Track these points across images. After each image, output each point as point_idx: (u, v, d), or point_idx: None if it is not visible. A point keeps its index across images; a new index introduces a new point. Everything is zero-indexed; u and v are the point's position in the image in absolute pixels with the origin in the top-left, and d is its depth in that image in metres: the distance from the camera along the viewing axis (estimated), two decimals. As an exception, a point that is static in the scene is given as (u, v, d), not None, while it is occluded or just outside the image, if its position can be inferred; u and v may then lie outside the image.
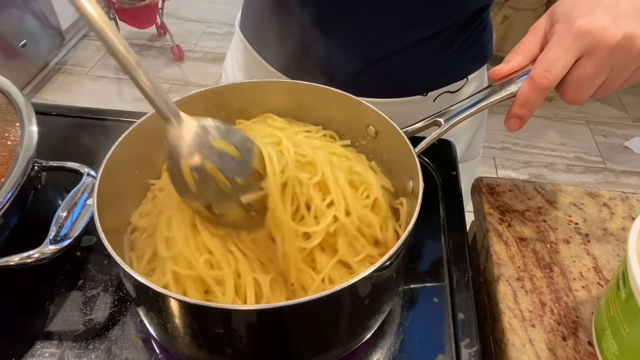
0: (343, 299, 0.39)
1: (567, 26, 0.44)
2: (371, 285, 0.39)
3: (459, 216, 0.60)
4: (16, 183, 0.47)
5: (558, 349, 0.47)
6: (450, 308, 0.50)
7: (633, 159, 2.23)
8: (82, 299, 0.50)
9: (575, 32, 0.43)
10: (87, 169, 0.52)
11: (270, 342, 0.40)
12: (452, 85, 0.70)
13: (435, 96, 0.69)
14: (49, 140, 0.56)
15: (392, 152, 0.51)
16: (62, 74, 2.59)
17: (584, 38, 0.43)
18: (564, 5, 0.46)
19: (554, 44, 0.45)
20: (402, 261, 0.45)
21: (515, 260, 0.55)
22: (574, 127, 2.37)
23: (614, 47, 0.43)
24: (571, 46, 0.44)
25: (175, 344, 0.43)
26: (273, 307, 0.36)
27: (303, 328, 0.41)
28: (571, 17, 0.44)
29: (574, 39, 0.44)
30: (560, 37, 0.45)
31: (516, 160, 2.20)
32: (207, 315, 0.37)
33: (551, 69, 0.44)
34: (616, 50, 0.43)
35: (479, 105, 0.49)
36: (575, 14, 0.44)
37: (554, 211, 0.60)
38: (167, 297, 0.36)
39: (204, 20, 3.05)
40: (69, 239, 0.46)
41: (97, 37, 0.35)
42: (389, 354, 0.47)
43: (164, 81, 2.56)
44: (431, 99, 0.69)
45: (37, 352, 0.46)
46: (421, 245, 0.56)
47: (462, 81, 0.70)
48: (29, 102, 0.56)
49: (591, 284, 0.53)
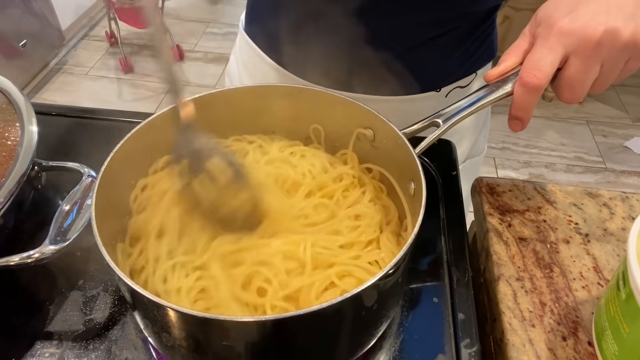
0: (349, 309, 0.38)
1: (549, 28, 0.45)
2: (377, 292, 0.39)
3: (459, 216, 0.60)
4: (16, 183, 0.47)
5: (558, 349, 0.47)
6: (450, 308, 0.50)
7: (633, 159, 2.23)
8: (82, 299, 0.50)
9: (557, 33, 0.44)
10: (87, 169, 0.52)
11: (269, 356, 0.40)
12: (463, 80, 0.71)
13: (447, 91, 0.70)
14: (49, 140, 0.56)
15: (391, 154, 0.51)
16: (62, 74, 2.59)
17: (565, 38, 0.44)
18: (546, 7, 0.47)
19: (539, 45, 0.46)
20: (407, 265, 0.45)
21: (515, 260, 0.55)
22: (574, 127, 2.37)
23: (596, 43, 0.43)
24: (554, 45, 0.45)
25: (171, 353, 0.43)
26: (273, 318, 0.35)
27: (306, 339, 0.41)
28: (551, 19, 0.45)
29: (557, 40, 0.44)
30: (544, 39, 0.45)
31: (516, 160, 2.20)
32: (206, 326, 0.37)
33: (538, 67, 0.45)
34: (600, 46, 0.43)
35: (476, 104, 0.49)
36: (555, 15, 0.45)
37: (554, 211, 0.60)
38: (162, 306, 0.35)
39: (204, 20, 3.05)
40: (69, 239, 0.46)
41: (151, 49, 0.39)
42: (389, 354, 0.47)
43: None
44: (443, 95, 0.70)
45: (37, 352, 0.46)
46: (421, 245, 0.56)
47: (471, 76, 0.72)
48: (29, 102, 0.56)
49: (591, 284, 0.53)
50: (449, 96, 0.71)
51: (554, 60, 0.45)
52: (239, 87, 0.55)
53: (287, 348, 0.39)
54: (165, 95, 2.47)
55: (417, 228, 0.40)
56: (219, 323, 0.35)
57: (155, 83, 2.54)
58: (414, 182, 0.47)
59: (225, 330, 0.36)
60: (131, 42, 2.79)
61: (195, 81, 2.58)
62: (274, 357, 0.40)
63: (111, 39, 2.73)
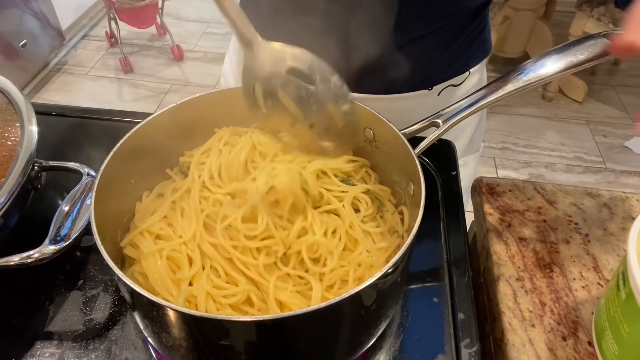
0: (348, 308, 0.38)
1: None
2: (376, 292, 0.39)
3: (459, 216, 0.60)
4: (16, 183, 0.47)
5: (558, 349, 0.47)
6: (450, 308, 0.50)
7: (633, 159, 2.23)
8: (82, 299, 0.50)
9: None
10: (87, 169, 0.52)
11: (269, 355, 0.40)
12: (455, 78, 0.71)
13: (439, 90, 0.70)
14: (49, 140, 0.56)
15: (391, 155, 0.51)
16: (62, 74, 2.59)
17: None
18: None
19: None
20: (406, 265, 0.45)
21: (515, 260, 0.55)
22: (574, 127, 2.36)
23: None
24: None
25: (170, 353, 0.42)
26: (273, 318, 0.35)
27: (305, 338, 0.41)
28: None
29: None
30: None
31: (516, 160, 2.20)
32: (206, 326, 0.37)
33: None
34: None
35: (476, 105, 0.49)
36: None
37: (554, 211, 0.60)
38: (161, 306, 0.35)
39: (204, 20, 3.05)
40: (69, 239, 0.46)
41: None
42: (389, 354, 0.47)
43: (163, 81, 2.55)
44: (436, 93, 0.70)
45: (37, 352, 0.46)
46: (421, 245, 0.56)
47: (464, 74, 0.72)
48: (29, 102, 0.56)
49: (591, 284, 0.53)
50: (441, 95, 0.71)
51: None
52: (238, 87, 0.55)
53: (287, 347, 0.39)
54: (165, 95, 2.47)
55: (417, 228, 0.40)
56: (218, 323, 0.35)
57: (155, 83, 2.54)
58: (413, 183, 0.47)
59: (225, 329, 0.36)
60: (131, 42, 2.79)
61: (195, 81, 2.58)
62: (273, 357, 0.40)
63: (111, 39, 2.73)
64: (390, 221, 0.51)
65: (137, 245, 0.46)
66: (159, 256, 0.44)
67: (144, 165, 0.50)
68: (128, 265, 0.46)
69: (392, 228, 0.50)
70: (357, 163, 0.55)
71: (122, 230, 0.48)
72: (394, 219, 0.51)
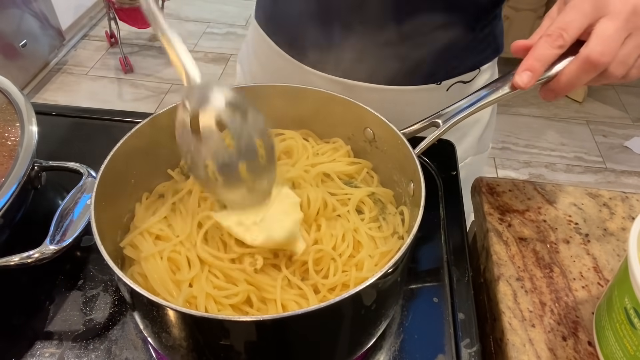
0: (348, 308, 0.38)
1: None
2: (376, 292, 0.39)
3: (459, 216, 0.60)
4: (16, 183, 0.47)
5: (558, 349, 0.47)
6: (450, 308, 0.50)
7: (633, 159, 2.23)
8: (82, 299, 0.50)
9: None
10: (87, 169, 0.52)
11: (269, 355, 0.40)
12: (465, 75, 0.71)
13: (448, 85, 0.70)
14: (49, 140, 0.56)
15: (391, 155, 0.51)
16: (62, 74, 2.59)
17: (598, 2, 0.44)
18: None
19: (570, 7, 0.45)
20: (406, 265, 0.45)
21: (515, 260, 0.55)
22: (574, 127, 2.36)
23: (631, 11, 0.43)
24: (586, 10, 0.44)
25: (170, 353, 0.42)
26: (272, 318, 0.35)
27: (305, 338, 0.40)
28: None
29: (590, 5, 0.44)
30: (578, 1, 0.45)
31: (516, 160, 2.20)
32: (206, 326, 0.37)
33: (567, 28, 0.45)
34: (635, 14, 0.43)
35: (476, 105, 0.49)
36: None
37: (554, 211, 0.60)
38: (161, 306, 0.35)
39: (204, 20, 3.05)
40: (69, 239, 0.46)
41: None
42: (389, 354, 0.47)
43: (163, 81, 2.56)
44: (444, 89, 0.70)
45: (37, 352, 0.46)
46: (421, 245, 0.56)
47: (474, 72, 0.71)
48: (29, 102, 0.56)
49: (591, 284, 0.53)
50: (450, 90, 0.70)
51: (581, 25, 0.44)
52: (238, 87, 0.55)
53: (287, 347, 0.39)
54: (165, 95, 2.47)
55: (416, 228, 0.40)
56: (218, 323, 0.35)
57: (155, 83, 2.55)
58: (413, 183, 0.47)
59: (225, 329, 0.36)
60: (131, 42, 2.79)
61: (196, 81, 2.58)
62: (273, 357, 0.40)
63: (111, 39, 2.73)
64: (392, 223, 0.51)
65: (137, 246, 0.46)
66: (159, 257, 0.44)
67: (144, 165, 0.50)
68: (128, 265, 0.46)
69: (394, 230, 0.50)
70: (359, 165, 0.55)
71: (122, 231, 0.48)
72: (395, 220, 0.51)
